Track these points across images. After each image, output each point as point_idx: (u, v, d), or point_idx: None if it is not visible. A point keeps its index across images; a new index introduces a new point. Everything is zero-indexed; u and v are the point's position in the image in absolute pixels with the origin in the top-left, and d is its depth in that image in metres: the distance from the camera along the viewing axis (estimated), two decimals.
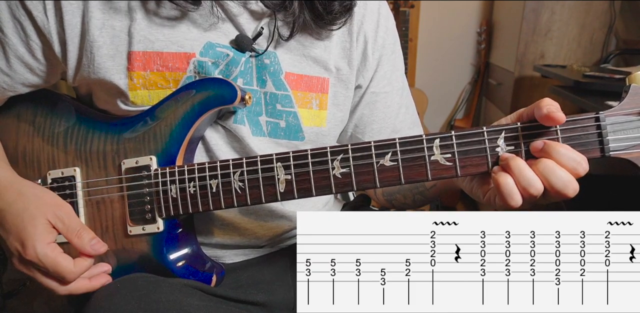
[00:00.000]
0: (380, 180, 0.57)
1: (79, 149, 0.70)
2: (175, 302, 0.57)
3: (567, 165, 0.50)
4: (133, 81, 0.66)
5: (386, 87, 0.81)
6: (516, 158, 0.51)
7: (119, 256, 0.68)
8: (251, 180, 0.61)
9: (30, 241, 0.61)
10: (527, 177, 0.50)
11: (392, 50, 0.81)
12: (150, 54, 0.66)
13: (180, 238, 0.68)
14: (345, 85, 0.76)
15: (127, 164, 0.67)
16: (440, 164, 0.55)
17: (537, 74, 1.91)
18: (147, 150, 0.67)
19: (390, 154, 0.56)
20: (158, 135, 0.67)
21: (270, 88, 0.71)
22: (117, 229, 0.67)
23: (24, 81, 0.71)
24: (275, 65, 0.72)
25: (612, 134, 0.51)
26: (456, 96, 2.79)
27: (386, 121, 0.83)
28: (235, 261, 0.78)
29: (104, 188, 0.68)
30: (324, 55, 0.74)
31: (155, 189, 0.65)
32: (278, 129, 0.73)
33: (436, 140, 0.55)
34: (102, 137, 0.69)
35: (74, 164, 0.70)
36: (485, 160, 0.54)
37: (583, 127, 0.51)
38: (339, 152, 0.58)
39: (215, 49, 0.68)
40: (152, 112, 0.68)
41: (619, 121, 0.50)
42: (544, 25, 2.00)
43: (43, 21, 0.65)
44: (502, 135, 0.53)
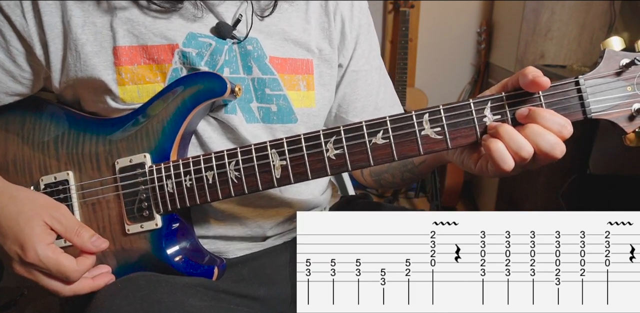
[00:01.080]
0: (374, 158, 0.58)
1: (70, 153, 0.70)
2: (177, 302, 0.57)
3: (552, 128, 0.51)
4: (121, 76, 0.67)
5: (365, 66, 0.83)
6: (504, 125, 0.53)
7: (118, 256, 0.68)
8: (247, 169, 0.62)
9: (30, 243, 0.60)
10: (517, 141, 0.51)
11: (367, 29, 0.82)
12: (135, 48, 0.67)
13: (179, 233, 0.68)
14: (329, 65, 0.78)
15: (120, 163, 0.67)
16: (430, 138, 0.56)
17: None
18: (141, 148, 0.67)
19: (382, 131, 0.57)
20: (150, 132, 0.67)
21: (257, 73, 0.72)
22: (114, 229, 0.67)
23: (6, 90, 0.70)
24: (258, 51, 0.72)
25: (591, 96, 0.53)
26: (456, 96, 2.79)
27: (368, 99, 0.84)
28: (238, 256, 0.78)
29: (98, 189, 0.68)
30: (305, 37, 0.75)
31: (151, 186, 0.65)
32: (270, 113, 0.74)
33: (425, 115, 0.56)
34: (93, 139, 0.69)
35: (66, 168, 0.69)
36: (474, 131, 0.56)
37: (564, 91, 0.53)
38: (332, 134, 0.59)
39: (198, 39, 0.69)
40: (143, 110, 0.68)
41: (598, 83, 0.53)
42: (544, 25, 2.00)
43: (22, 25, 0.65)
44: (488, 106, 0.55)
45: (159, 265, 0.66)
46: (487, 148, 0.53)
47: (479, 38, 2.61)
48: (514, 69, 2.07)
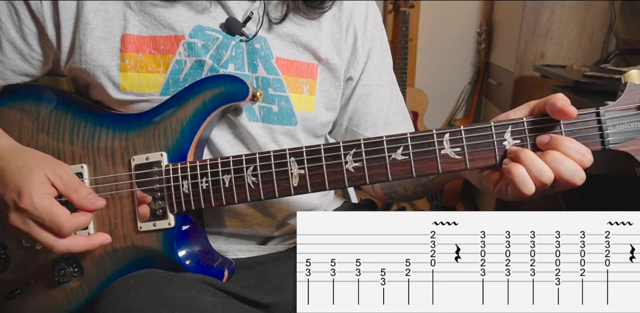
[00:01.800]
0: (392, 173, 0.58)
1: (85, 146, 0.69)
2: (191, 298, 0.57)
3: (573, 156, 0.52)
4: (125, 62, 0.68)
5: (377, 80, 0.83)
6: (525, 150, 0.53)
7: (129, 253, 0.67)
8: (264, 175, 0.62)
9: (27, 190, 0.60)
10: (539, 166, 0.51)
11: (380, 44, 0.82)
12: (144, 38, 0.68)
13: (191, 233, 0.68)
14: (333, 74, 0.78)
15: (137, 160, 0.67)
16: (450, 158, 0.57)
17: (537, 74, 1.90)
18: (158, 146, 0.67)
19: (402, 148, 0.58)
20: (169, 131, 0.67)
21: (262, 72, 0.72)
22: (126, 226, 0.67)
23: (14, 68, 0.71)
24: (265, 50, 0.73)
25: (611, 128, 0.54)
26: (456, 96, 2.79)
27: (380, 113, 0.84)
28: (239, 257, 0.78)
29: (112, 184, 0.68)
30: (314, 43, 0.75)
31: (167, 185, 0.65)
32: (271, 114, 0.74)
33: (446, 134, 0.57)
34: (109, 134, 0.69)
35: (80, 161, 0.69)
36: (493, 154, 0.56)
37: (584, 121, 0.54)
38: (352, 147, 0.59)
39: (205, 32, 0.69)
40: (161, 108, 0.68)
41: (617, 116, 0.53)
42: (544, 25, 2.00)
43: (37, 5, 0.66)
44: (509, 130, 0.55)
45: (169, 263, 0.66)
46: (508, 172, 0.53)
47: (479, 38, 2.61)
48: (514, 69, 2.07)
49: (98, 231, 0.68)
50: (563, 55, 2.03)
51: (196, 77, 0.69)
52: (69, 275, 0.67)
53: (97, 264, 0.68)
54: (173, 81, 0.70)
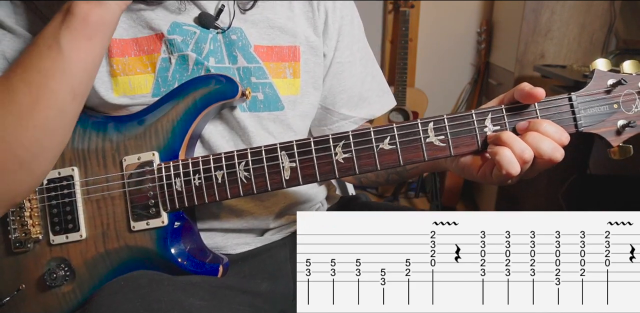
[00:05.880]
0: (381, 162, 0.61)
1: (75, 148, 0.70)
2: (176, 301, 0.57)
3: (552, 135, 0.56)
4: (113, 67, 0.68)
5: (349, 57, 0.84)
6: (506, 131, 0.57)
7: (122, 253, 0.67)
8: (256, 169, 0.64)
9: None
10: (520, 145, 0.55)
11: (350, 21, 0.83)
12: (126, 41, 0.69)
13: (184, 231, 0.68)
14: (315, 52, 0.79)
15: (128, 161, 0.67)
16: (434, 145, 0.60)
17: (537, 74, 1.91)
18: (149, 146, 0.67)
19: (389, 137, 0.60)
20: (160, 131, 0.68)
21: (242, 62, 0.73)
22: (119, 226, 0.67)
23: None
24: (243, 40, 0.73)
25: (582, 112, 0.58)
26: (456, 96, 2.79)
27: (353, 90, 0.85)
28: (237, 251, 0.78)
29: (104, 185, 0.68)
30: (290, 24, 0.76)
31: (159, 184, 0.66)
32: (257, 102, 0.75)
33: (430, 123, 0.60)
34: (99, 136, 0.69)
35: (71, 164, 0.69)
36: (475, 140, 0.59)
37: (557, 106, 0.58)
38: (341, 139, 0.62)
39: (182, 27, 0.70)
40: (151, 109, 0.69)
41: (588, 100, 0.58)
42: (544, 25, 2.00)
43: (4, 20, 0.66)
44: (489, 117, 0.59)
45: (163, 262, 0.66)
46: (494, 154, 0.56)
47: (479, 38, 2.61)
48: (514, 69, 2.07)
49: (90, 233, 0.68)
50: (563, 55, 2.03)
51: (183, 73, 0.70)
52: (61, 278, 0.67)
53: (90, 267, 0.68)
54: (162, 79, 0.70)
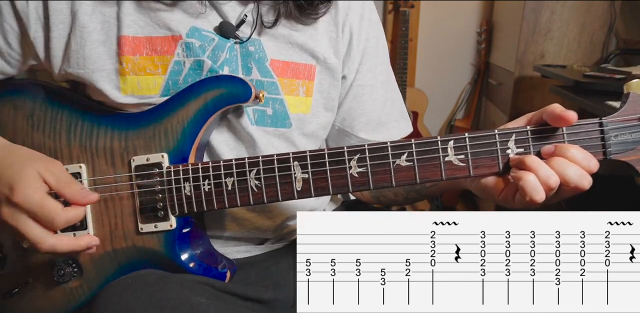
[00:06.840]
0: (396, 179, 0.58)
1: (83, 145, 0.69)
2: (184, 299, 0.57)
3: (580, 163, 0.52)
4: (123, 65, 0.67)
5: (371, 80, 0.82)
6: (530, 156, 0.54)
7: (129, 253, 0.67)
8: (267, 179, 0.62)
9: (18, 185, 0.59)
10: (545, 170, 0.52)
11: (375, 43, 0.81)
12: (140, 39, 0.67)
13: (193, 235, 0.68)
14: (332, 74, 0.77)
15: (137, 161, 0.66)
16: (453, 164, 0.57)
17: (537, 74, 1.90)
18: (158, 147, 0.66)
19: (406, 154, 0.58)
20: (170, 132, 0.66)
21: (256, 75, 0.72)
22: (127, 227, 0.67)
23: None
24: (260, 53, 0.72)
25: (613, 138, 0.54)
26: (456, 96, 2.78)
27: (373, 114, 0.83)
28: (237, 257, 0.78)
29: (112, 185, 0.67)
30: (311, 43, 0.75)
31: (168, 187, 0.65)
32: (265, 117, 0.73)
33: (450, 141, 0.57)
34: (108, 133, 0.68)
35: (78, 161, 0.68)
36: (496, 161, 0.56)
37: (587, 131, 0.55)
38: (356, 152, 0.59)
39: (201, 33, 0.69)
40: (161, 108, 0.67)
41: (619, 126, 0.54)
42: (544, 25, 1.99)
43: (22, 5, 0.66)
44: (512, 138, 0.56)
45: (170, 265, 0.66)
46: (518, 180, 0.53)
47: (479, 38, 2.61)
48: (514, 69, 2.07)
49: (97, 232, 0.67)
50: (563, 55, 2.03)
51: (196, 78, 0.69)
52: (68, 275, 0.67)
53: (97, 264, 0.68)
54: (173, 83, 0.69)
